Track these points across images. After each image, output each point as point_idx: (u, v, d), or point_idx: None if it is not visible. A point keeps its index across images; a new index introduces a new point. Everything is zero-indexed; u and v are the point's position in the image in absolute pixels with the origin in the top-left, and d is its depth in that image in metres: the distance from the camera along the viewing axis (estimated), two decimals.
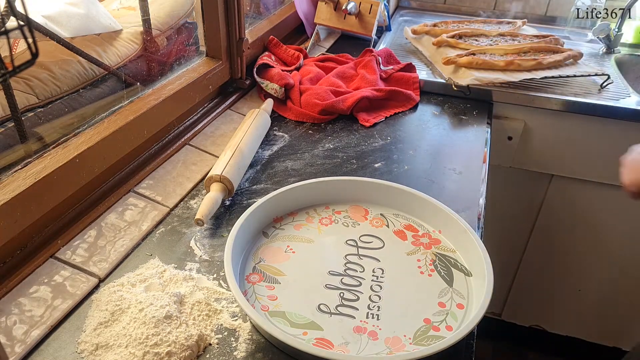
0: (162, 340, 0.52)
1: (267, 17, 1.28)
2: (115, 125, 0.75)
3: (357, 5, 1.33)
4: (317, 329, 0.56)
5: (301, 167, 0.88)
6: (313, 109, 1.03)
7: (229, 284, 0.56)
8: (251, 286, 0.61)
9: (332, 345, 0.54)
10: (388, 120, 1.05)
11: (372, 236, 0.70)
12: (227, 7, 0.98)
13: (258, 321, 0.53)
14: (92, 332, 0.54)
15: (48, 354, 0.53)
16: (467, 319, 0.58)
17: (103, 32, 0.89)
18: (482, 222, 0.77)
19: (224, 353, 0.54)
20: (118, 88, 0.86)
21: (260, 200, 0.69)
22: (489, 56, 1.23)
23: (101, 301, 0.58)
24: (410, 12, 1.76)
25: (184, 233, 0.71)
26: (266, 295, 0.60)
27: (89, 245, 0.67)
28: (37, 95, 0.75)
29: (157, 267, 0.64)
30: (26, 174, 0.62)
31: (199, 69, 0.96)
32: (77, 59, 0.81)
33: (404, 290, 0.62)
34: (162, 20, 0.98)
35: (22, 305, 0.57)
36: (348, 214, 0.74)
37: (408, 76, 1.16)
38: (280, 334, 0.52)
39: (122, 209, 0.74)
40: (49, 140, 0.70)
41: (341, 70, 1.16)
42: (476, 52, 1.25)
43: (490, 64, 1.19)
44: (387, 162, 0.90)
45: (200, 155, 0.90)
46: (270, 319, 0.57)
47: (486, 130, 1.04)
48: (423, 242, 0.69)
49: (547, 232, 1.42)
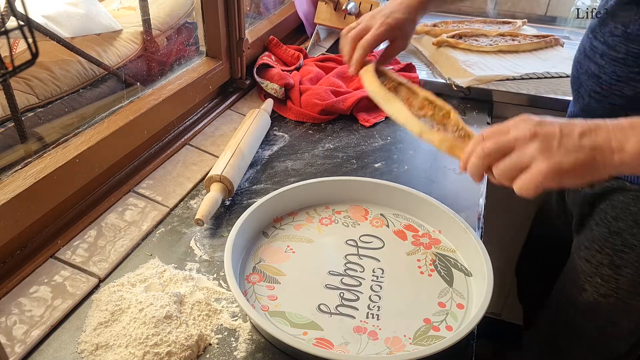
0: (162, 340, 0.52)
1: (267, 17, 1.28)
2: (115, 125, 0.75)
3: (357, 5, 1.32)
4: (317, 329, 0.56)
5: (301, 167, 0.87)
6: (313, 109, 1.03)
7: (229, 283, 0.56)
8: (251, 286, 0.61)
9: (332, 345, 0.54)
10: (388, 120, 1.05)
11: (372, 236, 0.70)
12: (227, 7, 0.98)
13: (258, 321, 0.53)
14: (92, 332, 0.54)
15: (48, 354, 0.53)
16: (467, 319, 0.58)
17: (103, 32, 0.89)
18: (482, 222, 0.77)
19: (224, 353, 0.54)
20: (118, 88, 0.86)
21: (260, 200, 0.69)
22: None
23: (101, 301, 0.58)
24: None
25: (184, 233, 0.71)
26: (266, 295, 0.60)
27: (89, 245, 0.67)
28: (37, 95, 0.75)
29: (157, 267, 0.64)
30: (26, 174, 0.62)
31: (199, 69, 0.96)
32: (77, 59, 0.81)
33: (404, 290, 0.62)
34: (162, 20, 0.98)
35: (22, 305, 0.57)
36: (348, 214, 0.74)
37: (408, 76, 1.16)
38: (280, 334, 0.52)
39: (122, 209, 0.74)
40: (49, 140, 0.70)
41: (341, 70, 1.16)
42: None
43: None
44: (387, 162, 0.90)
45: (200, 155, 0.90)
46: (270, 319, 0.57)
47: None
48: (423, 242, 0.69)
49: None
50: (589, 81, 0.76)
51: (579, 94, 0.80)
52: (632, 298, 0.79)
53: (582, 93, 0.79)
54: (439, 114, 0.65)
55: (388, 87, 0.70)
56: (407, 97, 0.70)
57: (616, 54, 0.71)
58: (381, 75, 0.73)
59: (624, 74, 0.70)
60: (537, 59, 1.30)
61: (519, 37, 1.38)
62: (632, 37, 0.68)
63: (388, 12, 0.75)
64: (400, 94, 0.71)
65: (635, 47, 0.68)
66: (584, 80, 0.77)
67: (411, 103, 0.68)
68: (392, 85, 0.72)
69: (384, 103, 0.66)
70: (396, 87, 0.72)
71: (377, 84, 0.68)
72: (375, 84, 0.68)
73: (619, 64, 0.71)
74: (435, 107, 0.66)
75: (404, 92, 0.71)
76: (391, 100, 0.65)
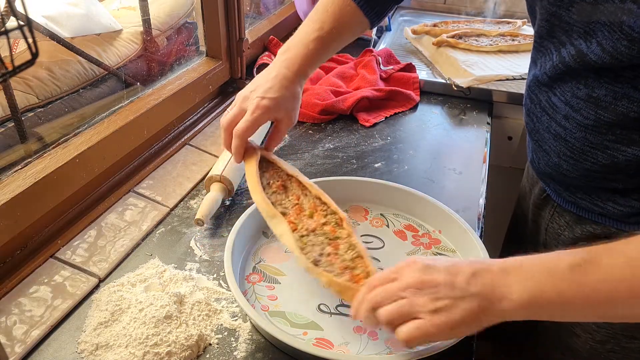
0: (162, 340, 0.52)
1: (267, 17, 1.29)
2: (115, 125, 0.75)
3: None
4: (317, 329, 0.56)
5: (301, 167, 0.87)
6: (313, 109, 1.03)
7: (229, 283, 0.56)
8: (251, 286, 0.61)
9: (332, 345, 0.54)
10: (388, 120, 1.05)
11: (372, 236, 0.70)
12: (227, 7, 0.98)
13: (258, 321, 0.53)
14: (92, 332, 0.54)
15: (48, 354, 0.53)
16: None
17: (103, 32, 0.89)
18: (482, 222, 0.77)
19: (224, 353, 0.54)
20: (118, 88, 0.86)
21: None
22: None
23: (101, 301, 0.58)
24: (410, 12, 1.76)
25: (184, 233, 0.71)
26: (266, 295, 0.60)
27: (89, 245, 0.67)
28: (37, 95, 0.75)
29: (157, 267, 0.64)
30: (26, 174, 0.62)
31: (199, 69, 0.96)
32: (77, 59, 0.81)
33: None
34: (162, 20, 0.98)
35: (22, 305, 0.57)
36: (348, 213, 0.74)
37: (408, 76, 1.16)
38: (281, 334, 0.51)
39: (122, 209, 0.74)
40: (49, 140, 0.70)
41: (341, 70, 1.16)
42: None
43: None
44: (387, 162, 0.90)
45: (200, 155, 0.90)
46: (270, 319, 0.57)
47: (486, 130, 1.04)
48: (423, 242, 0.69)
49: None
50: (555, 142, 0.63)
51: (542, 148, 0.67)
52: (630, 342, 0.68)
53: (546, 149, 0.66)
54: (332, 221, 0.59)
55: (275, 186, 0.63)
56: (297, 196, 0.62)
57: (583, 119, 0.58)
58: (270, 166, 0.66)
59: (597, 141, 0.58)
60: None
61: (519, 37, 1.38)
62: (602, 105, 0.55)
63: (262, 90, 0.64)
64: (291, 191, 0.63)
65: (607, 115, 0.55)
66: (548, 139, 0.65)
67: (301, 207, 0.61)
68: (281, 181, 0.64)
69: (267, 218, 0.59)
70: (285, 182, 0.64)
71: (258, 190, 0.60)
72: (257, 190, 0.60)
73: (590, 130, 0.58)
74: (326, 210, 0.61)
75: (295, 189, 0.63)
76: (275, 219, 0.58)
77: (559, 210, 0.70)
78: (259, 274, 0.63)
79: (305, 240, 0.57)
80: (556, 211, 0.71)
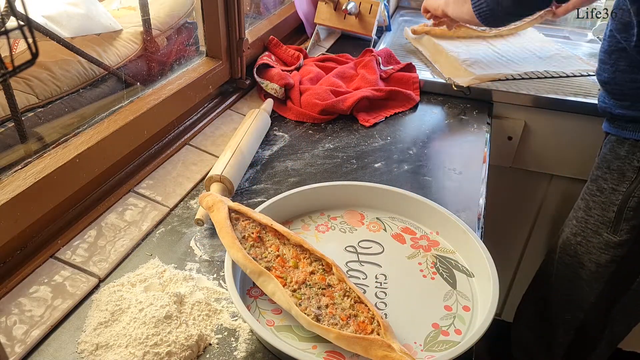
0: (162, 340, 0.52)
1: (267, 17, 1.28)
2: (115, 125, 0.75)
3: (357, 5, 1.32)
4: (327, 341, 0.54)
5: (301, 167, 0.87)
6: (313, 109, 1.03)
7: (236, 307, 0.54)
8: (254, 300, 0.59)
9: (343, 357, 0.53)
10: (388, 120, 1.05)
11: (370, 241, 0.69)
12: (227, 7, 0.98)
13: (267, 338, 0.51)
14: (92, 332, 0.54)
15: (48, 354, 0.53)
16: (474, 321, 0.57)
17: (103, 32, 0.89)
18: (482, 222, 0.77)
19: (224, 353, 0.54)
20: (118, 88, 0.86)
21: (257, 209, 0.66)
22: None
23: (101, 301, 0.58)
24: (410, 12, 1.76)
25: (184, 233, 0.71)
26: (270, 310, 0.58)
27: (89, 245, 0.67)
28: (37, 95, 0.75)
29: (157, 267, 0.64)
30: (26, 174, 0.62)
31: (199, 69, 0.96)
32: (77, 59, 0.81)
33: (409, 295, 0.61)
34: (162, 20, 0.98)
35: (22, 305, 0.57)
36: (344, 219, 0.73)
37: (408, 76, 1.16)
38: (291, 349, 0.50)
39: (122, 209, 0.74)
40: (49, 140, 0.70)
41: (341, 70, 1.16)
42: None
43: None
44: (387, 162, 0.90)
45: (200, 155, 0.90)
46: (277, 334, 0.55)
47: (486, 130, 1.04)
48: (422, 245, 0.69)
49: (546, 232, 1.42)
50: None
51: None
52: (594, 237, 0.96)
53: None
54: (319, 269, 0.57)
55: (252, 239, 0.59)
56: (276, 246, 0.59)
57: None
58: (240, 217, 0.61)
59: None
60: (537, 57, 1.30)
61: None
62: None
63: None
64: (268, 242, 0.59)
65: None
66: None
67: (284, 259, 0.57)
68: (256, 233, 0.59)
69: (252, 276, 0.56)
70: (260, 233, 0.60)
71: (237, 247, 0.56)
72: (235, 246, 0.56)
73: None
74: (310, 257, 0.58)
75: (272, 239, 0.60)
76: (262, 276, 0.55)
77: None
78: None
79: (299, 294, 0.54)
80: None
